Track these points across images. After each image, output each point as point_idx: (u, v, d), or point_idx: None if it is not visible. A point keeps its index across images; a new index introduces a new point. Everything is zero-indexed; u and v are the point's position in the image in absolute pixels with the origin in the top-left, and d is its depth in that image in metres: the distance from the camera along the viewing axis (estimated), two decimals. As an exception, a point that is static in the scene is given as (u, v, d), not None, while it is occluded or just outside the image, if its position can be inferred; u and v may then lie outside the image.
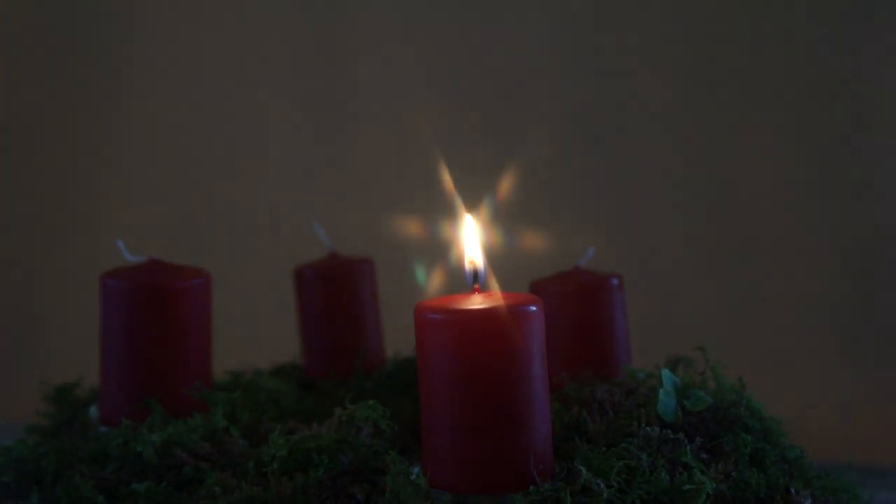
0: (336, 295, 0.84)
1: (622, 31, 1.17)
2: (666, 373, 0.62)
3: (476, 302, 0.55)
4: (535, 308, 0.55)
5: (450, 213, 0.61)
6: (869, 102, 1.10)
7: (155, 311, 0.68)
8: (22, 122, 1.31)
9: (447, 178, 0.63)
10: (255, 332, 1.10)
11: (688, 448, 0.58)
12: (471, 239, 0.59)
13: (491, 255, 0.60)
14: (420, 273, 0.75)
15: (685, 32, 1.15)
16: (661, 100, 1.16)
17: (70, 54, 1.30)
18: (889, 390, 1.04)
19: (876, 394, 1.04)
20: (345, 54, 1.23)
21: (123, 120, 1.27)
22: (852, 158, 1.12)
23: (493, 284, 0.58)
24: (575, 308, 0.71)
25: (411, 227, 1.08)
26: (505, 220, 0.67)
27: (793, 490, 0.59)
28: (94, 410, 0.71)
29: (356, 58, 1.23)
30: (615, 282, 0.72)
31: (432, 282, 0.67)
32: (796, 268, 1.11)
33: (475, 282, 0.57)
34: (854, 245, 1.10)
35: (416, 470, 0.56)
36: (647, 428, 0.58)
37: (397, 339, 0.84)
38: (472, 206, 0.60)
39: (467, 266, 0.58)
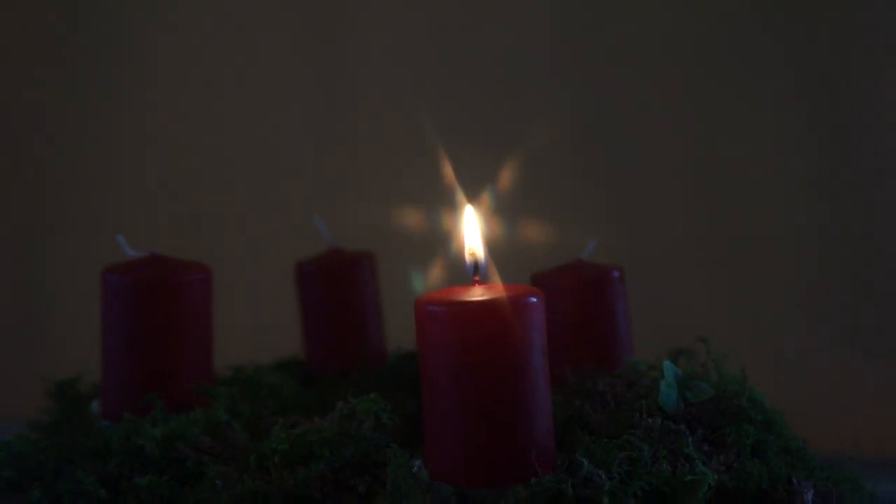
0: (337, 290, 0.83)
1: (625, 23, 1.16)
2: (667, 364, 0.62)
3: (476, 294, 0.55)
4: (535, 300, 0.55)
5: (451, 205, 0.61)
6: (870, 100, 1.10)
7: (156, 306, 0.68)
8: (22, 118, 1.31)
9: (448, 170, 0.63)
10: (256, 327, 1.10)
11: (689, 439, 0.58)
12: (472, 230, 0.59)
13: (493, 248, 0.59)
14: (418, 283, 0.76)
15: (687, 28, 1.15)
16: (663, 92, 1.16)
17: (69, 51, 1.30)
18: (892, 380, 1.04)
19: (879, 384, 1.04)
20: (344, 49, 1.23)
21: (124, 115, 1.27)
22: (853, 152, 1.11)
23: (495, 276, 0.58)
24: (577, 300, 0.71)
25: (412, 220, 1.08)
26: (506, 211, 0.67)
27: (795, 481, 0.58)
28: (95, 405, 0.71)
29: (356, 51, 1.22)
30: (617, 274, 0.72)
31: (430, 286, 0.67)
32: (798, 258, 1.11)
33: (475, 274, 0.57)
34: (855, 235, 1.10)
35: (417, 463, 0.56)
36: (649, 419, 0.58)
37: (399, 333, 0.84)
38: (473, 197, 0.60)
39: (468, 258, 0.58)
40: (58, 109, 1.30)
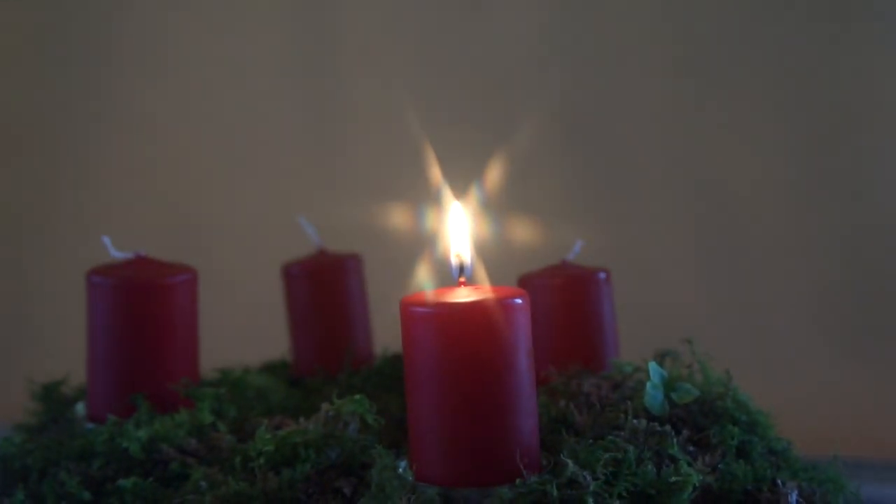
0: (324, 291, 0.83)
1: (614, 22, 1.17)
2: (653, 366, 0.62)
3: (461, 295, 0.55)
4: (520, 301, 0.55)
5: (438, 203, 0.61)
6: (864, 99, 1.10)
7: (140, 308, 0.67)
8: (10, 119, 1.30)
9: (435, 169, 0.63)
10: (244, 329, 1.10)
11: (674, 440, 0.58)
12: (458, 231, 0.59)
13: (480, 249, 0.59)
14: (424, 278, 0.75)
15: (678, 26, 1.15)
16: (652, 93, 1.16)
17: (59, 52, 1.29)
18: (877, 383, 1.04)
19: (865, 386, 1.04)
20: (332, 48, 1.23)
21: (111, 117, 1.27)
22: (851, 154, 1.12)
23: (482, 277, 0.58)
24: (563, 302, 0.71)
25: (399, 220, 1.08)
26: (493, 208, 0.67)
27: (779, 482, 0.59)
28: (80, 407, 0.71)
29: (342, 50, 1.22)
30: (602, 276, 0.72)
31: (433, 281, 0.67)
32: (784, 261, 1.11)
33: (461, 275, 0.57)
34: (842, 238, 1.10)
35: (402, 464, 0.56)
36: (634, 420, 0.58)
37: (386, 335, 0.84)
38: (460, 195, 0.60)
39: (453, 260, 0.58)
40: (44, 111, 1.29)
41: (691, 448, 0.60)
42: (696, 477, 0.56)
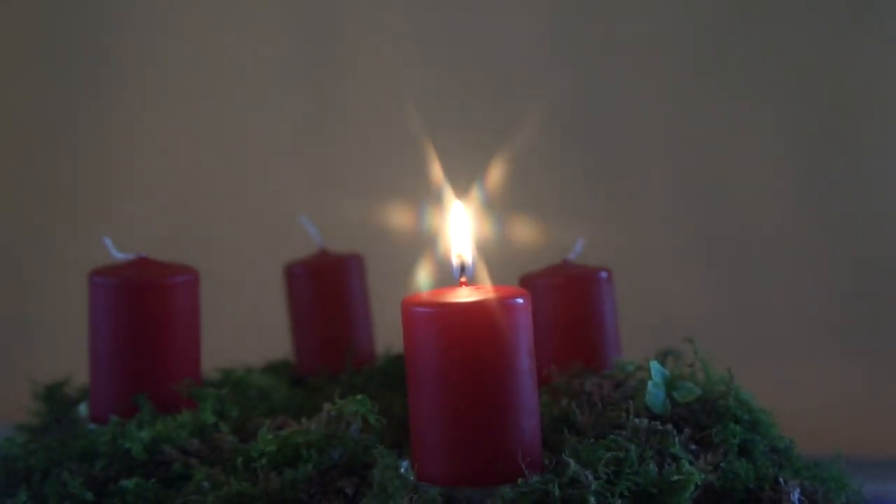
0: (325, 291, 0.84)
1: (615, 21, 1.17)
2: (655, 364, 0.62)
3: (462, 295, 0.55)
4: (521, 300, 0.55)
5: (439, 202, 0.61)
6: (866, 99, 1.10)
7: (142, 308, 0.68)
8: (11, 119, 1.30)
9: (436, 168, 0.63)
10: (246, 329, 1.10)
11: (676, 439, 0.58)
12: (459, 230, 0.59)
13: (481, 248, 0.59)
14: (423, 279, 0.75)
15: (678, 26, 1.15)
16: (654, 92, 1.16)
17: (59, 52, 1.29)
18: (879, 381, 1.04)
19: (867, 384, 1.04)
20: (332, 48, 1.23)
21: (111, 117, 1.27)
22: (848, 153, 1.12)
23: (483, 277, 0.58)
24: (564, 301, 0.71)
25: (401, 219, 1.08)
26: (495, 207, 0.67)
27: (782, 480, 0.59)
28: (83, 407, 0.71)
29: (344, 51, 1.22)
30: (604, 275, 0.72)
31: (431, 281, 0.67)
32: (785, 260, 1.12)
33: (462, 275, 0.57)
34: (843, 237, 1.10)
35: (405, 464, 0.56)
36: (636, 419, 0.58)
37: (388, 334, 0.84)
38: (461, 194, 0.60)
39: (454, 260, 0.58)
40: (44, 111, 1.29)
41: (693, 447, 0.60)
42: (698, 476, 0.56)
